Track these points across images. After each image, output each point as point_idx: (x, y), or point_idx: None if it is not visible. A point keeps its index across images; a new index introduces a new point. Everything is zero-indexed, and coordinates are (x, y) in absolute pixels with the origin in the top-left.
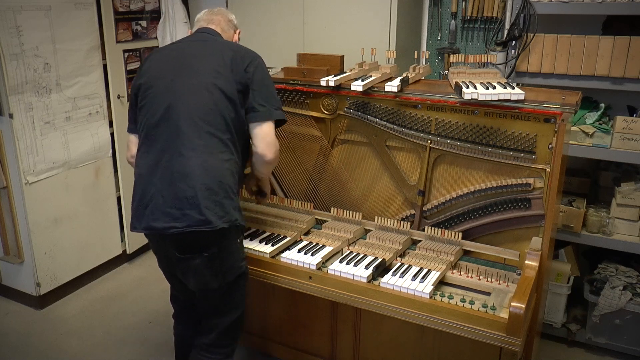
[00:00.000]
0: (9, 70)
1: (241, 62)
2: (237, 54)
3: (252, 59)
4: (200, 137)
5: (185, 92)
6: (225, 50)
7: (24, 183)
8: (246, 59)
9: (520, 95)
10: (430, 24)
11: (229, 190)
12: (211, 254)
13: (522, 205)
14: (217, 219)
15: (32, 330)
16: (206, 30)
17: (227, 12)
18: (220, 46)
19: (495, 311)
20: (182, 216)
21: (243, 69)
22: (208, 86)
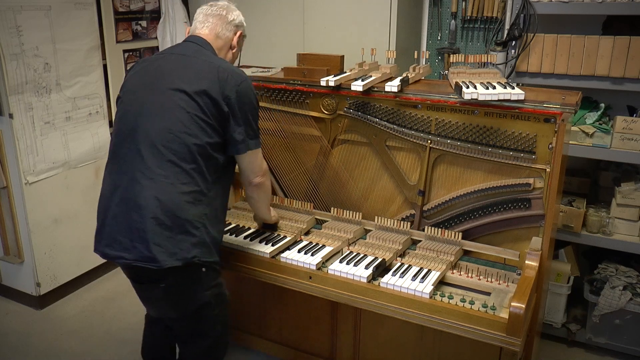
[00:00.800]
0: (9, 70)
1: (221, 85)
2: (223, 75)
3: (234, 83)
4: (160, 165)
5: (153, 113)
6: (212, 71)
7: (24, 183)
8: (227, 83)
9: (520, 95)
10: (430, 24)
11: (188, 225)
12: (168, 284)
13: (522, 205)
14: (167, 256)
15: (32, 330)
16: (194, 39)
17: (227, 10)
18: (201, 64)
19: (495, 311)
20: (131, 248)
21: (222, 93)
22: (178, 110)
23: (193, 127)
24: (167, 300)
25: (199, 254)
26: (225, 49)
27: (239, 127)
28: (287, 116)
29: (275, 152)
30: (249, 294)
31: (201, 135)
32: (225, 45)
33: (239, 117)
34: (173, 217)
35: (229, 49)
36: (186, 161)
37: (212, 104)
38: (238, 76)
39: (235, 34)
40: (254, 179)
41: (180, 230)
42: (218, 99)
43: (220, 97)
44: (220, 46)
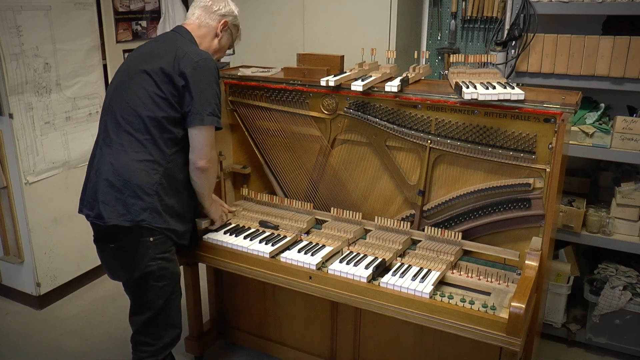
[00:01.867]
0: (9, 70)
1: (182, 63)
2: (181, 54)
3: (191, 59)
4: (118, 135)
5: (120, 92)
6: (172, 51)
7: (24, 183)
8: (184, 60)
9: (520, 95)
10: (430, 24)
11: (139, 190)
12: (118, 246)
13: (522, 205)
14: (114, 216)
15: (32, 330)
16: (176, 28)
17: (214, 1)
18: (170, 46)
19: (495, 311)
20: (90, 206)
21: (178, 69)
22: (138, 87)
23: (148, 101)
24: (115, 261)
25: (148, 218)
26: (209, 37)
27: (193, 100)
28: (287, 116)
29: (275, 152)
30: (249, 294)
31: (155, 109)
32: (208, 33)
33: (195, 92)
34: (124, 181)
35: (213, 37)
36: (140, 132)
37: (167, 80)
38: (197, 55)
39: (219, 22)
40: (198, 162)
41: (131, 194)
42: (173, 75)
43: (176, 73)
44: (203, 34)
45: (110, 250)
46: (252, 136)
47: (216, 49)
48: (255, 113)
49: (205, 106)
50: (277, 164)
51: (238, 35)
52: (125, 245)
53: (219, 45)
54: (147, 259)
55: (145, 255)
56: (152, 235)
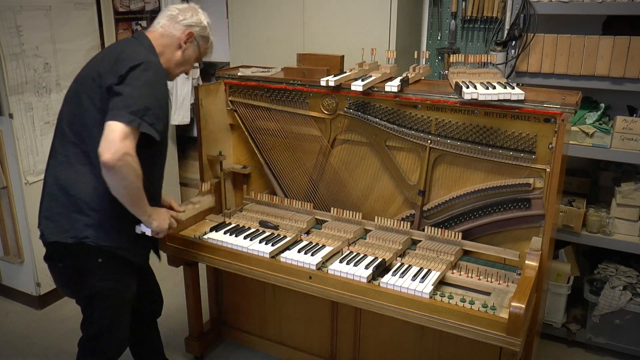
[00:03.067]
0: (9, 70)
1: (116, 65)
2: (123, 56)
3: (129, 63)
4: (63, 146)
5: (69, 100)
6: (111, 57)
7: (24, 183)
8: (122, 62)
9: (520, 95)
10: (430, 24)
11: (84, 205)
12: (65, 265)
13: (522, 205)
14: (55, 232)
15: (32, 330)
16: (137, 35)
17: (182, 11)
18: (113, 53)
19: (495, 311)
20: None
21: (116, 73)
22: (83, 95)
23: (92, 110)
24: (62, 280)
25: (92, 235)
26: (172, 47)
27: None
28: (287, 116)
29: (275, 152)
30: (249, 294)
31: (99, 118)
32: (171, 43)
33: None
34: (68, 195)
35: (177, 48)
36: (85, 143)
37: (106, 86)
38: (137, 59)
39: (183, 33)
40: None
41: (75, 209)
42: (112, 81)
43: (115, 77)
44: (165, 44)
45: (57, 270)
46: (252, 136)
47: (179, 61)
48: (255, 113)
49: (130, 104)
50: (277, 164)
51: (209, 46)
52: (73, 265)
53: (182, 58)
54: (95, 280)
55: (93, 277)
56: (100, 257)
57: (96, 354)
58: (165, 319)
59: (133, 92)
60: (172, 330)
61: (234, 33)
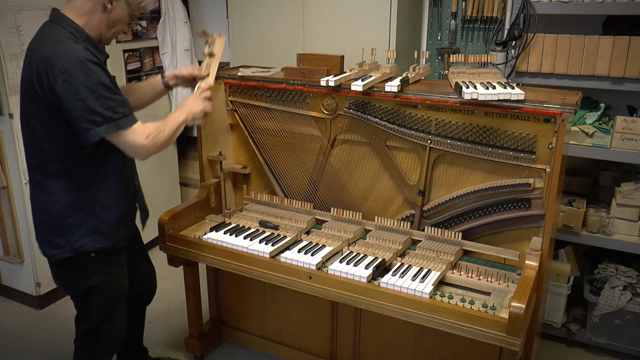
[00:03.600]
0: (9, 70)
1: (47, 78)
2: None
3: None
4: (31, 171)
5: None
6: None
7: (24, 183)
8: (52, 74)
9: (520, 95)
10: (430, 24)
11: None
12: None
13: (522, 205)
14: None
15: (32, 330)
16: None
17: None
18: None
19: (495, 311)
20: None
21: (49, 87)
22: (26, 116)
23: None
24: (57, 277)
25: (89, 242)
26: (96, 12)
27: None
28: (287, 116)
29: (275, 152)
30: (249, 294)
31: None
32: (94, 8)
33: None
34: (50, 216)
35: (102, 11)
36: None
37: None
38: (61, 61)
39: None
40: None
41: (63, 226)
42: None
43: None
44: (87, 10)
45: (53, 268)
46: (252, 136)
47: (107, 23)
48: (255, 113)
49: (96, 119)
50: (277, 164)
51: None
52: (66, 264)
53: (112, 18)
54: (89, 275)
55: (86, 272)
56: (93, 251)
57: (94, 348)
58: (165, 318)
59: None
60: (172, 330)
61: (234, 33)
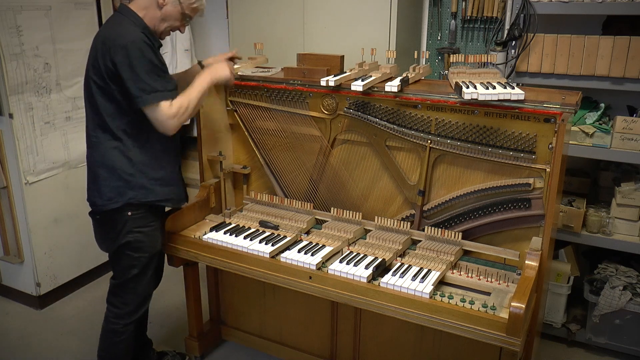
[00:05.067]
0: (9, 70)
1: (108, 51)
2: (106, 42)
3: (117, 45)
4: (92, 128)
5: (84, 85)
6: (105, 40)
7: (24, 183)
8: (113, 48)
9: (520, 95)
10: (430, 24)
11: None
12: (101, 217)
13: (522, 205)
14: (105, 200)
15: (32, 330)
16: (120, 8)
17: None
18: (104, 36)
19: (495, 311)
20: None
21: (110, 58)
22: (91, 83)
23: (101, 92)
24: (99, 232)
25: (136, 195)
26: (152, 7)
27: (130, 84)
28: (287, 116)
29: (275, 152)
30: (249, 294)
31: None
32: (151, 3)
33: (129, 75)
34: (106, 169)
35: (156, 7)
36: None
37: (105, 70)
38: (122, 39)
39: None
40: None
41: (116, 177)
42: (107, 64)
43: (109, 61)
44: (145, 5)
45: (96, 222)
46: (252, 136)
47: (160, 17)
48: (255, 113)
49: (145, 87)
50: (277, 164)
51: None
52: (106, 218)
53: (163, 14)
54: (125, 232)
55: (123, 228)
56: (131, 210)
57: (120, 304)
58: (165, 318)
59: (139, 74)
60: (172, 330)
61: (234, 33)
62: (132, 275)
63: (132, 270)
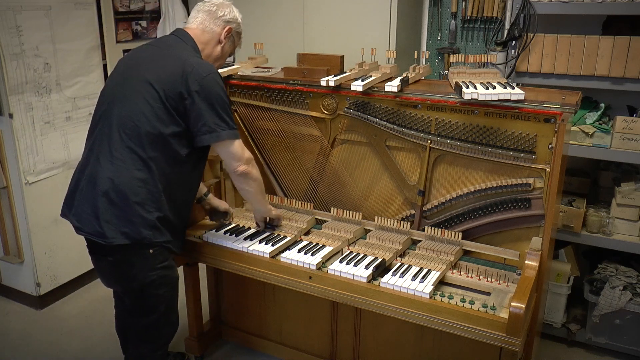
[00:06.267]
0: (9, 70)
1: (190, 78)
2: (189, 68)
3: (198, 75)
4: (119, 150)
5: (120, 101)
6: (178, 63)
7: (24, 183)
8: (191, 75)
9: (520, 95)
10: (430, 24)
11: (140, 208)
12: (115, 259)
13: (522, 205)
14: (116, 234)
15: (32, 330)
16: (178, 32)
17: (219, 6)
18: (170, 58)
19: (495, 311)
20: (85, 221)
21: (185, 85)
22: (140, 100)
23: (152, 117)
24: (113, 273)
25: (148, 235)
26: (212, 43)
27: (205, 118)
28: (287, 116)
29: (275, 152)
30: (249, 294)
31: (159, 125)
32: (212, 39)
33: (204, 109)
34: (125, 199)
35: (216, 44)
36: (143, 149)
37: (173, 95)
38: (204, 69)
39: (223, 29)
40: (237, 167)
41: (132, 212)
42: (181, 91)
43: (184, 89)
44: (206, 40)
45: (107, 264)
46: (252, 136)
47: (218, 56)
48: (255, 113)
49: (220, 123)
50: (277, 164)
51: (239, 42)
52: (123, 259)
53: (221, 53)
54: (147, 270)
55: (144, 267)
56: (152, 247)
57: (152, 340)
58: None
59: (217, 109)
60: None
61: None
62: (161, 311)
63: (160, 306)
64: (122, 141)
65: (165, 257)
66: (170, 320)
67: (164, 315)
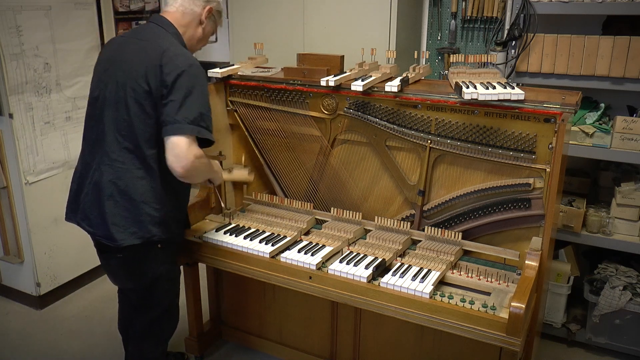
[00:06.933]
0: (9, 70)
1: (164, 71)
2: (161, 60)
3: (175, 67)
4: (117, 152)
5: (112, 103)
6: (153, 57)
7: (24, 183)
8: (171, 68)
9: (520, 95)
10: (430, 24)
11: (145, 206)
12: (125, 256)
13: (522, 205)
14: (126, 235)
15: (32, 330)
16: (157, 19)
17: None
18: (151, 51)
19: (495, 311)
20: (96, 224)
21: (164, 78)
22: (130, 100)
23: (143, 115)
24: (123, 270)
25: (157, 232)
26: (193, 25)
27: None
28: (287, 116)
29: (275, 152)
30: (249, 294)
31: (151, 122)
32: (192, 21)
33: (175, 99)
34: (130, 199)
35: (198, 25)
36: (140, 147)
37: (154, 89)
38: (182, 61)
39: (203, 9)
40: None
41: (139, 211)
42: (158, 85)
43: (159, 82)
44: (186, 22)
45: (116, 261)
46: (252, 136)
47: (200, 37)
48: (255, 113)
49: (187, 115)
50: (277, 164)
51: (220, 21)
52: (134, 256)
53: (203, 34)
54: (156, 265)
55: (153, 262)
56: (160, 243)
57: (154, 336)
58: None
59: (186, 102)
60: None
61: (234, 33)
62: (166, 305)
63: (165, 300)
64: (118, 143)
65: (171, 251)
66: (173, 315)
67: (168, 310)
